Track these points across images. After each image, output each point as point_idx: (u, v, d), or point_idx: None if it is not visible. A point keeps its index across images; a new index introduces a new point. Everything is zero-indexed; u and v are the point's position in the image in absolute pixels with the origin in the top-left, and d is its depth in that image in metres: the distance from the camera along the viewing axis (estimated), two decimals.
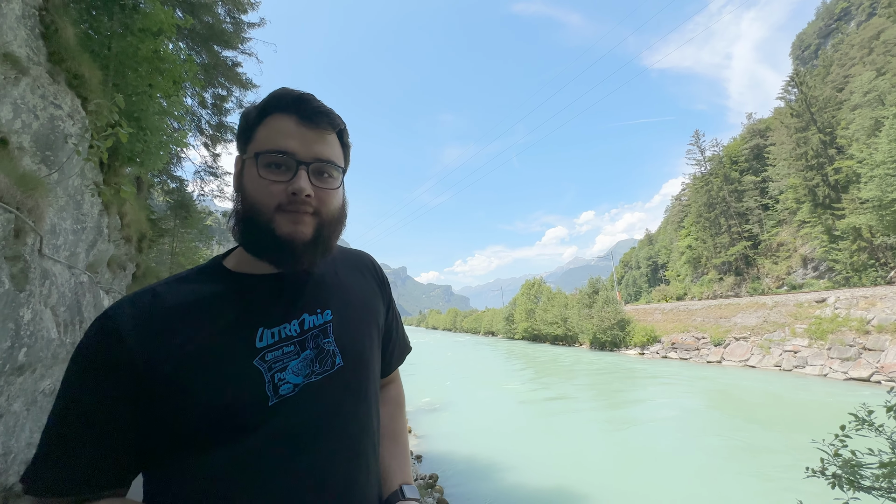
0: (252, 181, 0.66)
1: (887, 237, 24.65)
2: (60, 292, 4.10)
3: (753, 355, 18.39)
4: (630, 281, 65.98)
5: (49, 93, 3.73)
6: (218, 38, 9.66)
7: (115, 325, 0.61)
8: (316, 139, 0.68)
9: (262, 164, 0.65)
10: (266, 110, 0.68)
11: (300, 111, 0.67)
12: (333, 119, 0.70)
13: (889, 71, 31.44)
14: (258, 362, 0.64)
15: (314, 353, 0.70)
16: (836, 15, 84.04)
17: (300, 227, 0.66)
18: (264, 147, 0.66)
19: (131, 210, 6.44)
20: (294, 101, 0.67)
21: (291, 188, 0.64)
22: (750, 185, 39.78)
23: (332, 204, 0.70)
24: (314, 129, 0.68)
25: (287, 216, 0.65)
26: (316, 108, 0.68)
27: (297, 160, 0.66)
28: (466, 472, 7.77)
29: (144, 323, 0.62)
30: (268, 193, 0.65)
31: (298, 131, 0.67)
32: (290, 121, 0.67)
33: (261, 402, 0.63)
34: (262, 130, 0.67)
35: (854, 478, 1.56)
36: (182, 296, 0.66)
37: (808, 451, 1.88)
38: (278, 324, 0.69)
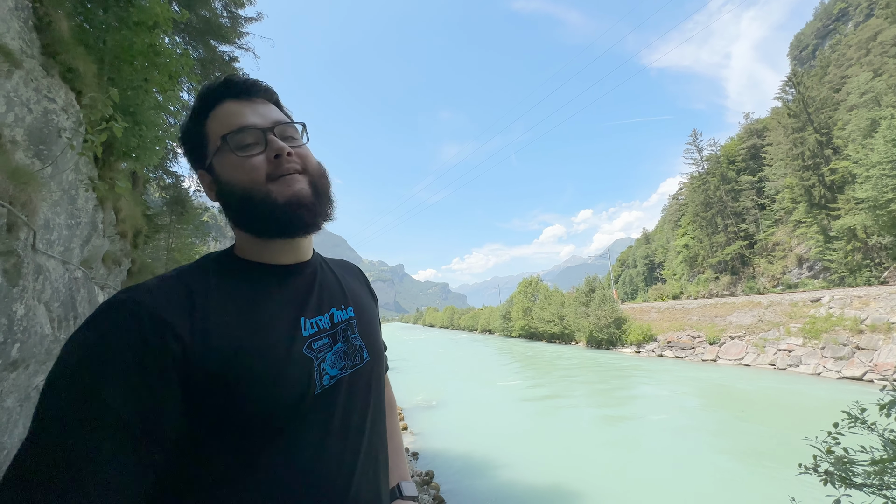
0: (231, 167, 0.64)
1: (882, 238, 24.84)
2: (54, 288, 4.07)
3: (748, 354, 18.52)
4: (627, 279, 66.23)
5: (43, 86, 3.69)
6: (215, 32, 9.59)
7: (150, 309, 0.53)
8: (263, 109, 0.68)
9: (234, 147, 0.63)
10: (204, 108, 0.67)
11: (234, 91, 0.67)
12: (266, 87, 0.70)
13: (886, 72, 31.61)
14: (307, 350, 0.64)
15: (345, 347, 0.71)
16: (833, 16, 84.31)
17: (297, 185, 0.64)
18: (226, 129, 0.64)
19: (126, 205, 6.39)
20: (224, 85, 0.67)
21: (272, 152, 0.64)
22: (747, 184, 39.97)
23: (312, 159, 0.69)
24: (256, 102, 0.68)
25: (280, 183, 0.63)
26: (246, 83, 0.68)
27: (261, 129, 0.65)
28: (463, 469, 7.80)
29: (186, 306, 0.56)
30: (252, 168, 0.63)
31: (245, 107, 0.66)
32: (232, 103, 0.66)
33: (310, 390, 0.62)
34: (211, 125, 0.66)
35: (846, 475, 1.57)
36: (219, 282, 0.62)
37: (801, 448, 1.89)
38: (314, 315, 0.69)
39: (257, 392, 0.56)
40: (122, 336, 0.49)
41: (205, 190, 0.70)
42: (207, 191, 0.69)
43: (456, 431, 10.28)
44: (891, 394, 1.61)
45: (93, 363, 0.47)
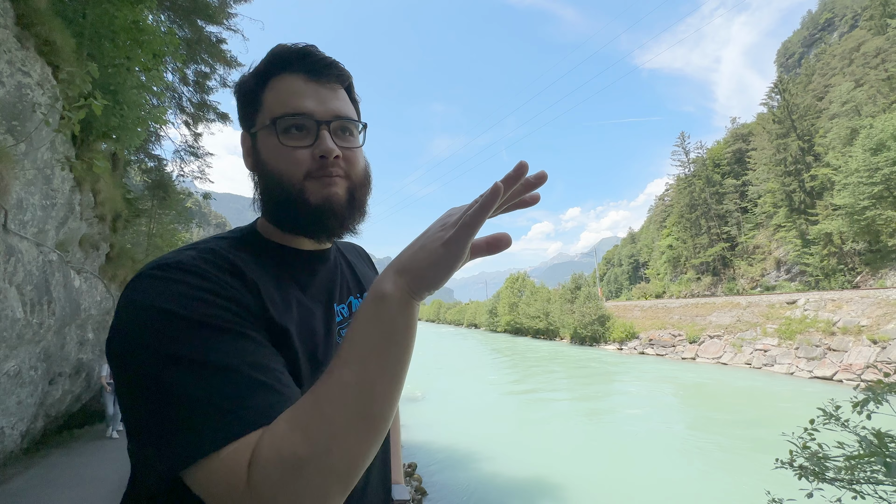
0: (273, 151, 0.59)
1: (856, 243, 25.73)
2: (27, 270, 3.91)
3: (726, 353, 19.05)
4: (612, 278, 67.29)
5: (17, 58, 3.52)
6: (202, 11, 9.29)
7: (226, 257, 0.53)
8: (329, 95, 0.62)
9: (281, 131, 0.58)
10: (268, 72, 0.61)
11: (307, 67, 0.61)
12: (341, 71, 0.64)
13: (867, 83, 32.54)
14: (338, 339, 0.64)
15: None
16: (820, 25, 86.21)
17: (333, 189, 0.60)
18: (279, 111, 0.59)
19: (106, 188, 6.19)
20: (298, 55, 0.61)
21: (319, 151, 0.58)
22: (730, 188, 40.85)
23: (359, 164, 0.64)
24: (325, 85, 0.62)
25: (317, 182, 0.59)
26: (322, 61, 0.61)
27: (316, 120, 0.59)
28: (445, 461, 7.86)
29: (236, 269, 0.53)
30: (294, 161, 0.58)
31: (310, 89, 0.60)
32: (298, 79, 0.60)
33: None
34: (269, 95, 0.60)
35: (820, 469, 1.62)
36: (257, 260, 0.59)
37: (773, 444, 1.95)
38: (340, 303, 0.69)
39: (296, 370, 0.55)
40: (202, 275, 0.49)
41: (242, 153, 0.66)
42: (245, 156, 0.65)
43: (439, 424, 10.35)
44: (864, 393, 1.67)
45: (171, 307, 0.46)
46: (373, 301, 0.44)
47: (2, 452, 4.49)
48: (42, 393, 5.02)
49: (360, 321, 0.44)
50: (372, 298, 0.44)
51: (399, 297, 0.43)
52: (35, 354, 4.56)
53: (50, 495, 4.23)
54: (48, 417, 5.70)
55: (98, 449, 5.86)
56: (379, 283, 0.45)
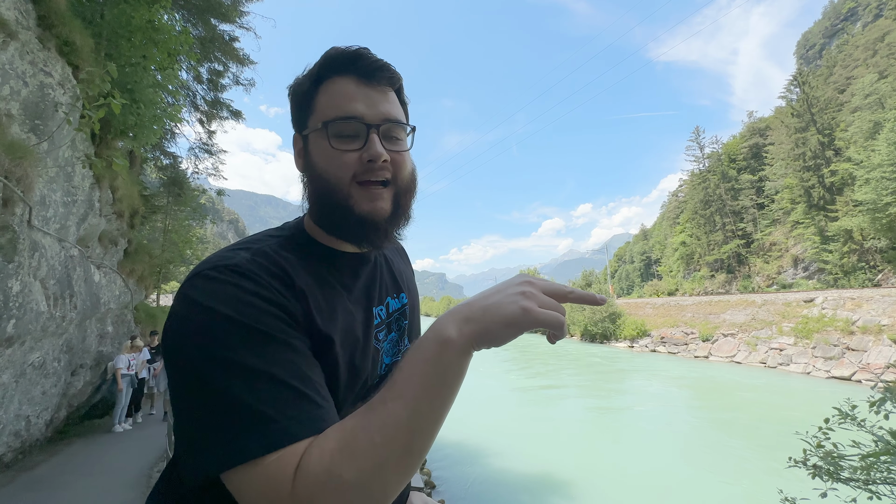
0: (323, 154, 0.61)
1: (877, 240, 24.98)
2: (50, 265, 4.04)
3: (740, 351, 18.73)
4: (623, 275, 66.55)
5: (39, 59, 3.62)
6: (215, 10, 9.40)
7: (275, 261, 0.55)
8: (380, 98, 0.62)
9: (332, 134, 0.59)
10: (322, 75, 0.62)
11: (359, 69, 0.61)
12: (392, 73, 0.64)
13: (891, 74, 31.40)
14: (375, 342, 0.66)
15: (397, 335, 0.73)
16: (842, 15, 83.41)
17: (379, 203, 0.61)
18: (330, 115, 0.60)
19: (124, 185, 6.34)
20: (350, 58, 0.61)
21: (367, 155, 0.59)
22: (746, 183, 39.98)
23: (406, 168, 0.64)
24: (376, 88, 0.62)
25: (364, 192, 0.60)
26: (374, 63, 0.62)
27: (366, 124, 0.60)
28: (454, 455, 7.91)
29: (290, 282, 0.55)
30: (342, 165, 0.59)
31: (361, 92, 0.61)
32: (350, 82, 0.61)
33: (371, 379, 0.64)
34: (321, 98, 0.62)
35: (834, 468, 1.60)
36: (304, 264, 0.61)
37: (786, 443, 1.92)
38: (378, 305, 0.70)
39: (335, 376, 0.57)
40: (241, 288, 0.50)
41: (294, 154, 0.68)
42: (296, 157, 0.67)
43: (448, 419, 10.31)
44: (881, 392, 1.64)
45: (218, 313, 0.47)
46: (436, 342, 0.45)
47: (28, 440, 4.67)
48: (65, 384, 5.19)
49: (419, 359, 0.45)
50: (435, 339, 0.45)
51: (462, 344, 0.45)
52: (58, 346, 4.71)
53: (73, 483, 4.38)
54: (70, 407, 5.90)
55: (118, 439, 6.04)
56: (443, 326, 0.46)
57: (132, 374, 6.34)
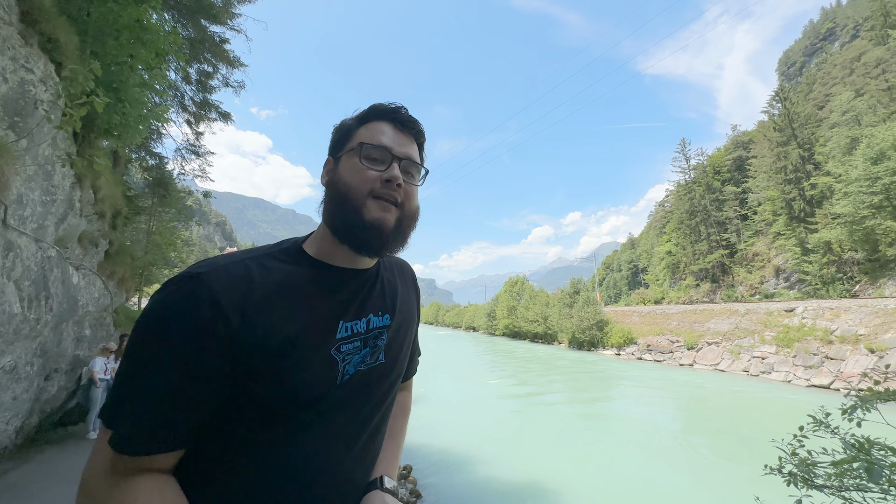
0: (351, 169, 0.74)
1: (855, 252, 25.75)
2: (26, 266, 3.92)
3: (724, 360, 19.03)
4: (611, 283, 67.30)
5: (20, 55, 3.54)
6: (206, 11, 9.34)
7: (211, 293, 0.62)
8: (406, 142, 0.79)
9: (364, 155, 0.74)
10: (366, 118, 0.79)
11: (396, 119, 0.79)
12: (419, 129, 0.82)
13: (867, 92, 32.63)
14: (335, 352, 0.71)
15: (371, 351, 0.78)
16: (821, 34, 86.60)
17: (387, 214, 0.73)
18: (368, 140, 0.75)
19: (106, 185, 6.20)
20: (391, 110, 0.79)
21: (387, 175, 0.73)
22: (730, 195, 40.92)
23: (414, 200, 0.79)
24: (405, 134, 0.79)
25: (377, 203, 0.72)
26: (408, 118, 0.80)
27: (392, 154, 0.75)
28: (440, 464, 7.84)
29: (244, 296, 0.64)
30: (365, 178, 0.72)
31: (394, 134, 0.78)
32: (388, 125, 0.78)
33: (330, 388, 0.70)
34: (363, 131, 0.77)
35: (808, 476, 1.63)
36: (275, 275, 0.70)
37: (767, 451, 1.95)
38: (352, 319, 0.76)
39: (295, 380, 0.65)
40: (181, 307, 0.60)
41: (322, 173, 0.80)
42: (323, 174, 0.80)
43: (435, 426, 10.33)
44: (853, 399, 1.68)
45: (154, 325, 0.60)
46: None
47: None
48: (38, 389, 5.02)
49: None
50: None
51: None
52: (31, 350, 4.56)
53: (45, 490, 4.22)
54: (43, 413, 5.70)
55: (92, 447, 5.84)
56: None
57: (108, 378, 6.15)
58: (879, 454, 1.40)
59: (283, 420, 0.66)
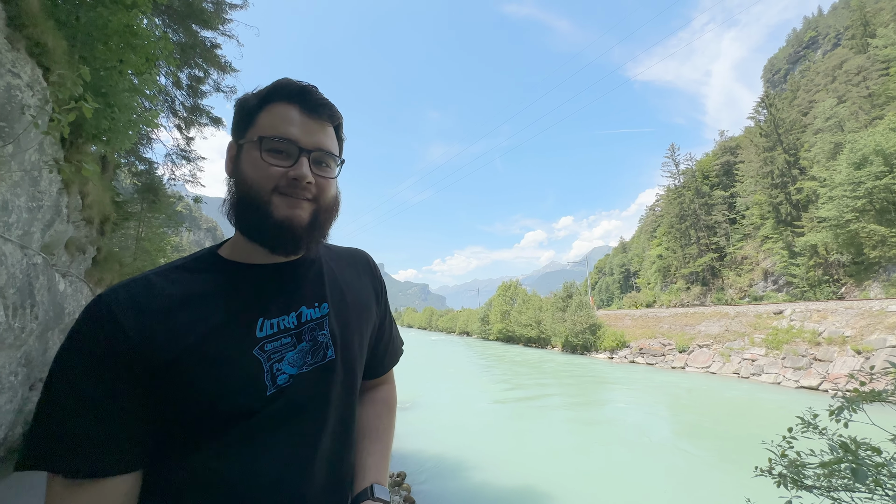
0: (252, 164, 0.66)
1: (840, 255, 26.27)
2: (10, 273, 3.85)
3: (715, 362, 19.22)
4: (603, 287, 67.73)
5: (6, 59, 3.50)
6: (197, 16, 9.30)
7: (109, 311, 0.59)
8: (317, 129, 0.70)
9: (265, 149, 0.66)
10: (269, 98, 0.69)
11: (303, 101, 0.69)
12: (333, 112, 0.72)
13: (849, 99, 33.46)
14: (258, 352, 0.66)
15: (309, 346, 0.72)
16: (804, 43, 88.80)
17: (297, 210, 0.67)
18: (268, 132, 0.66)
19: (94, 190, 6.12)
20: (298, 91, 0.69)
21: (293, 174, 0.66)
22: (719, 199, 41.56)
23: (329, 192, 0.72)
24: (316, 120, 0.70)
25: (284, 200, 0.66)
26: (318, 100, 0.70)
27: (299, 147, 0.67)
28: (434, 470, 7.79)
29: (141, 309, 0.61)
30: (267, 176, 0.65)
31: (301, 120, 0.68)
32: (294, 109, 0.68)
33: (260, 391, 0.64)
34: (264, 116, 0.68)
35: (798, 477, 1.65)
36: (179, 284, 0.66)
37: (757, 452, 1.98)
38: (277, 315, 0.70)
39: (207, 388, 0.61)
40: (84, 332, 0.59)
41: (225, 160, 0.73)
42: (227, 161, 0.73)
43: (429, 433, 10.26)
44: (840, 400, 1.71)
45: (66, 350, 0.58)
46: None
47: None
48: (21, 399, 4.90)
49: None
50: None
51: None
52: (16, 359, 4.46)
53: (29, 503, 4.11)
54: (27, 424, 5.56)
55: None
56: None
57: None
58: (866, 454, 1.43)
59: (211, 435, 0.61)
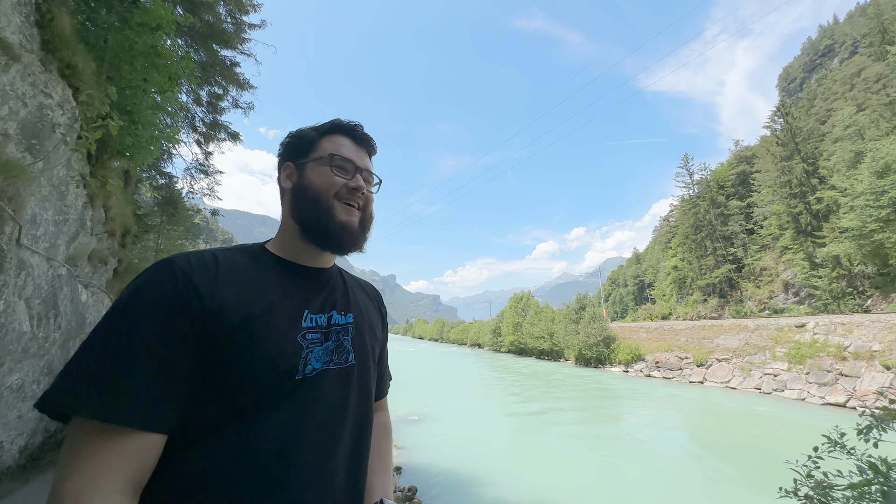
0: (321, 175, 0.83)
1: (865, 266, 25.40)
2: (36, 284, 3.98)
3: (735, 377, 18.62)
4: (617, 298, 66.62)
5: (40, 81, 3.68)
6: (218, 37, 9.66)
7: (183, 271, 0.67)
8: (363, 156, 0.90)
9: (334, 164, 0.84)
10: (329, 130, 0.88)
11: (354, 135, 0.90)
12: (373, 144, 0.93)
13: (869, 107, 32.76)
14: (301, 339, 0.75)
15: (334, 346, 0.81)
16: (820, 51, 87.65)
17: (352, 217, 0.84)
18: (336, 152, 0.85)
19: (117, 204, 6.32)
20: (351, 127, 0.90)
21: (353, 184, 0.84)
22: (735, 209, 40.76)
23: (371, 204, 0.90)
24: (363, 148, 0.91)
25: (343, 207, 0.83)
26: (365, 135, 0.91)
27: (356, 166, 0.87)
28: (446, 485, 7.66)
29: (212, 274, 0.70)
30: (333, 183, 0.83)
31: (354, 148, 0.89)
32: (348, 140, 0.89)
33: (293, 373, 0.72)
34: (325, 143, 0.86)
35: (825, 499, 1.58)
36: (241, 262, 0.77)
37: (781, 472, 1.90)
38: (317, 312, 0.81)
39: (260, 357, 0.68)
40: (157, 283, 0.65)
41: (280, 177, 0.89)
42: (284, 178, 0.88)
43: (441, 446, 10.13)
44: (868, 419, 1.64)
45: (133, 298, 0.63)
46: None
47: (0, 467, 4.47)
48: None
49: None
50: None
51: None
52: (39, 368, 4.58)
53: None
54: (47, 433, 5.67)
55: None
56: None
57: None
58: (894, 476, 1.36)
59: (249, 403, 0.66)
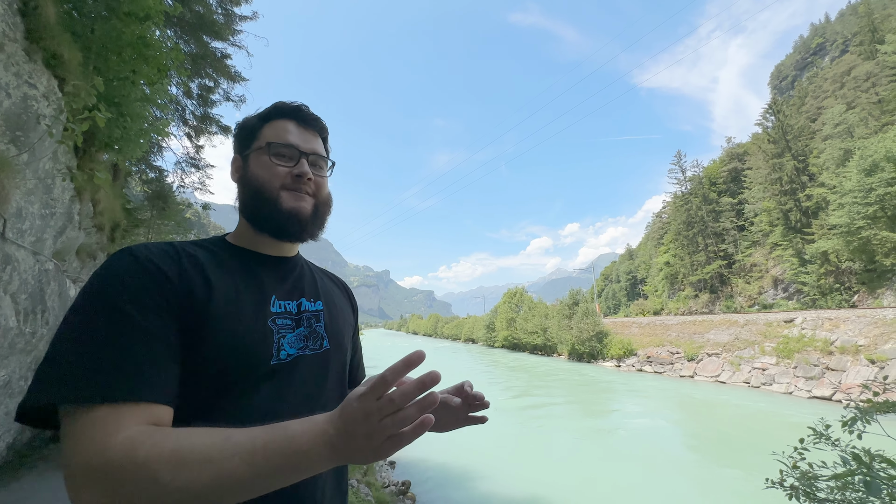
0: (262, 166, 0.79)
1: (852, 262, 25.85)
2: (23, 279, 3.91)
3: (724, 371, 18.92)
4: (610, 294, 67.19)
5: (24, 71, 3.59)
6: (208, 28, 9.50)
7: (146, 257, 0.64)
8: (310, 138, 0.85)
9: (273, 153, 0.79)
10: (270, 116, 0.83)
11: (298, 117, 0.84)
12: (322, 124, 0.88)
13: (858, 105, 33.19)
14: (271, 323, 0.73)
15: (307, 332, 0.80)
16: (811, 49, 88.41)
17: (302, 203, 0.80)
18: (275, 140, 0.80)
19: (105, 198, 6.22)
20: (293, 109, 0.84)
21: (296, 171, 0.79)
22: (727, 206, 41.21)
23: (325, 189, 0.86)
24: (309, 131, 0.85)
25: (291, 194, 0.79)
26: (310, 115, 0.86)
27: (299, 151, 0.81)
28: (439, 479, 7.71)
29: (174, 259, 0.67)
30: (275, 175, 0.78)
31: (298, 131, 0.83)
32: (291, 123, 0.83)
33: (266, 358, 0.70)
34: (267, 130, 0.81)
35: (810, 489, 1.61)
36: (201, 252, 0.74)
37: (768, 464, 1.94)
38: (285, 298, 0.79)
39: (229, 341, 0.66)
40: (127, 272, 0.61)
41: (231, 171, 0.85)
42: (233, 172, 0.85)
43: (434, 441, 10.18)
44: (853, 411, 1.67)
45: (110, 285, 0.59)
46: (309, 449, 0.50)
47: None
48: None
49: (293, 446, 0.49)
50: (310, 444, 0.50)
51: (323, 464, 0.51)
52: (26, 364, 4.51)
53: None
54: (36, 430, 5.61)
55: None
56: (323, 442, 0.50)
57: None
58: (880, 466, 1.40)
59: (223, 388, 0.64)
